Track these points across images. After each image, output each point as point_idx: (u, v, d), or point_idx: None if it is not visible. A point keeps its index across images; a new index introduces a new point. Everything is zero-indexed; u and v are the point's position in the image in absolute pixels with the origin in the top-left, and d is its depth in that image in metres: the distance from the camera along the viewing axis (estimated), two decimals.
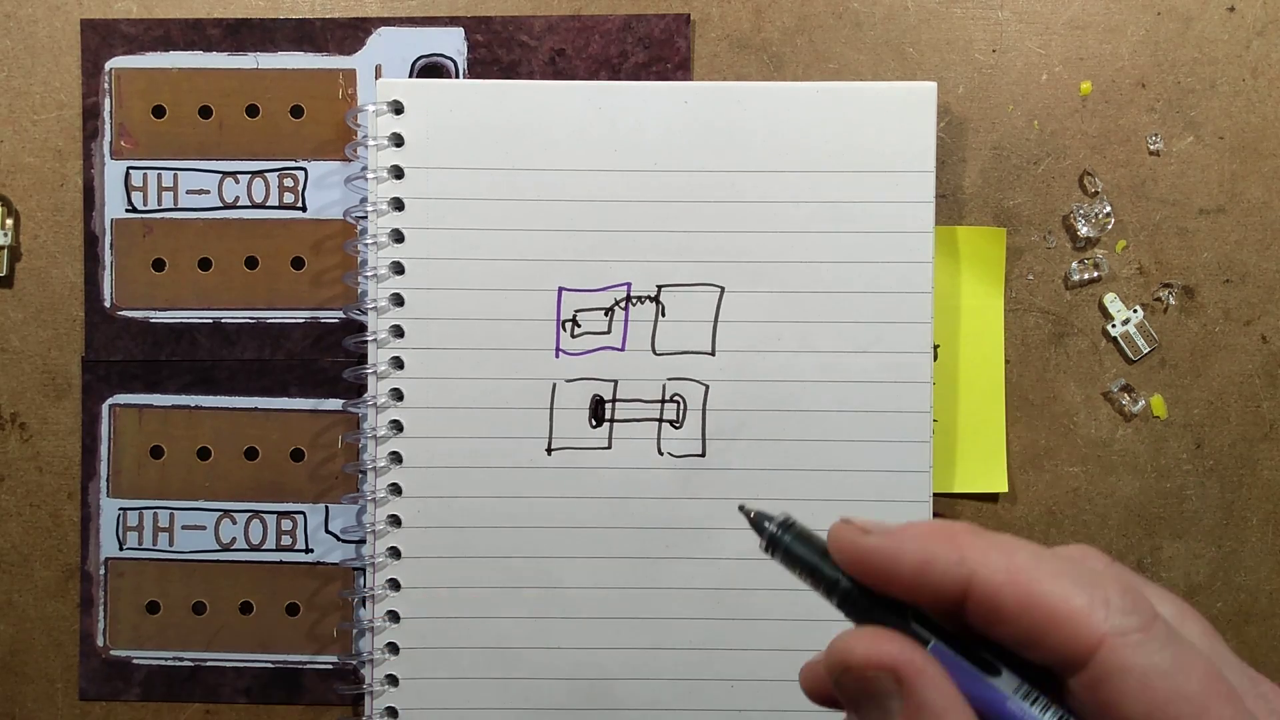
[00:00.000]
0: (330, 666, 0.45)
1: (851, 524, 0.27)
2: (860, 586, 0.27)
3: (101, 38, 0.45)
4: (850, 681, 0.26)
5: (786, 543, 0.29)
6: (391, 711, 0.43)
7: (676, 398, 0.43)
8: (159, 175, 0.45)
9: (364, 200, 0.43)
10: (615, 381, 0.43)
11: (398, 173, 0.43)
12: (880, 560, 0.26)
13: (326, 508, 0.45)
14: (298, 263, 0.45)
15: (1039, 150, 0.45)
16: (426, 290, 0.43)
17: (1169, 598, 0.27)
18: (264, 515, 0.45)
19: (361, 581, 0.45)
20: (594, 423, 0.43)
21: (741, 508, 0.30)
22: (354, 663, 0.44)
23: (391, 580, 0.43)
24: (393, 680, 0.43)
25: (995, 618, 0.25)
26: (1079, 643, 0.24)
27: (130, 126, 0.45)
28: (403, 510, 0.43)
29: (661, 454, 0.43)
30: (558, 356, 0.43)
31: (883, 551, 0.27)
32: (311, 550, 0.45)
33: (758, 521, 0.29)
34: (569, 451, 0.43)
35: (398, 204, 0.43)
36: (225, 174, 0.45)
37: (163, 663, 0.45)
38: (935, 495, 0.44)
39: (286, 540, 0.45)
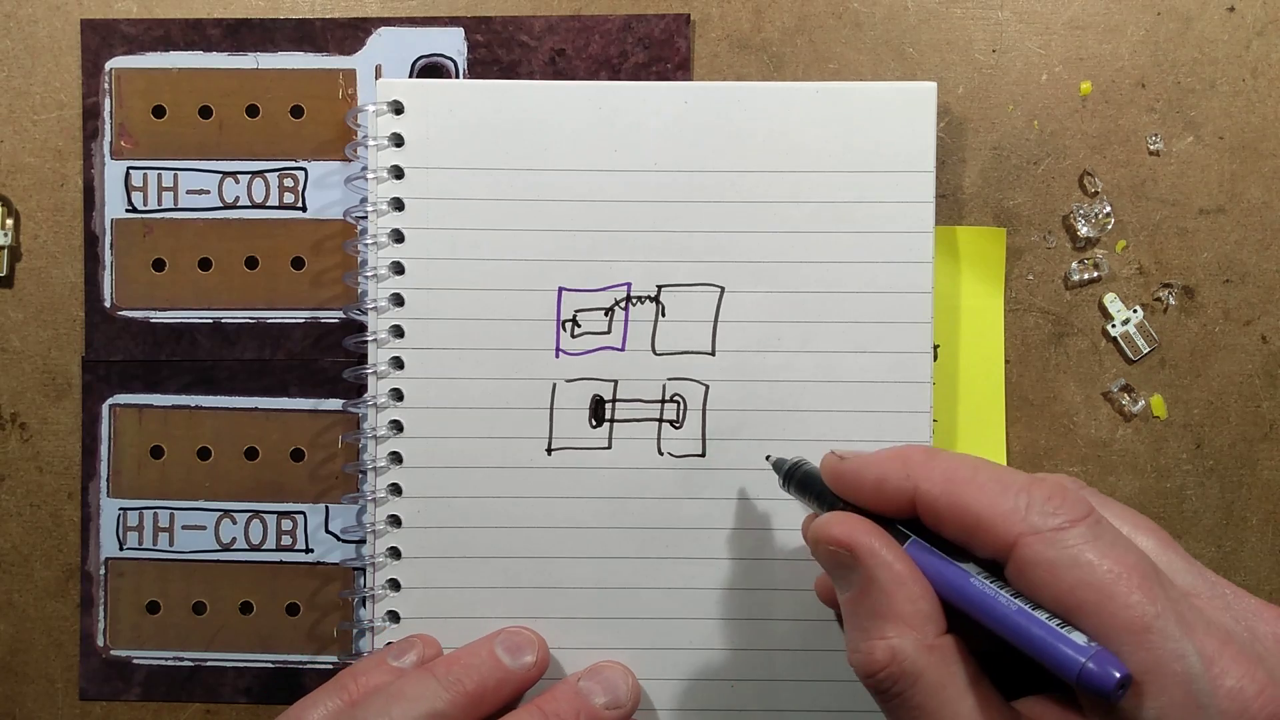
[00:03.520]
0: (330, 666, 0.45)
1: (835, 454, 0.33)
2: (846, 503, 0.33)
3: (101, 38, 0.45)
4: (821, 554, 0.32)
5: (798, 475, 0.36)
6: None
7: (676, 398, 0.43)
8: (159, 175, 0.45)
9: (364, 200, 0.43)
10: (615, 381, 0.43)
11: (398, 173, 0.43)
12: (849, 479, 0.32)
13: (326, 508, 0.45)
14: (298, 263, 0.45)
15: (1039, 150, 0.45)
16: (426, 290, 0.43)
17: (1126, 513, 0.30)
18: (264, 515, 0.45)
19: (361, 581, 0.45)
20: (594, 423, 0.43)
21: (767, 457, 0.40)
22: (354, 663, 0.44)
23: (391, 580, 0.43)
24: None
25: (937, 521, 0.30)
26: (999, 539, 0.28)
27: (130, 126, 0.45)
28: (403, 510, 0.43)
29: (661, 454, 0.43)
30: (558, 356, 0.43)
31: (849, 472, 0.32)
32: (311, 550, 0.45)
33: (777, 463, 0.37)
34: (569, 451, 0.43)
35: (398, 204, 0.43)
36: (225, 174, 0.45)
37: (163, 663, 0.45)
38: None
39: (286, 540, 0.45)
